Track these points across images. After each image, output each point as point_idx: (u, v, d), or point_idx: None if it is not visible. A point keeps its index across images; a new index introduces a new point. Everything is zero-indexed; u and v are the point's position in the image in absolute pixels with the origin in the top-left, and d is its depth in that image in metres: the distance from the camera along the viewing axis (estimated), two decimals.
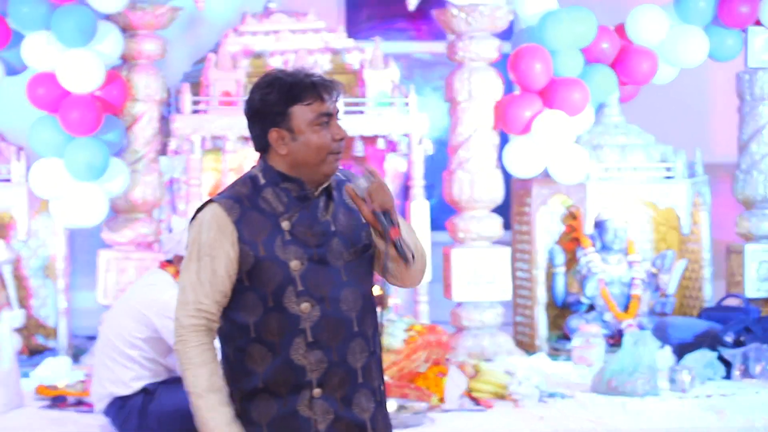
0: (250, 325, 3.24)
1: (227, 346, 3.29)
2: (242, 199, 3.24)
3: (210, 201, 3.27)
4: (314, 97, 3.22)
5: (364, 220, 3.28)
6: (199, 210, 3.28)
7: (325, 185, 3.29)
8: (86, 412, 6.23)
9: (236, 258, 3.22)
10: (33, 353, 7.70)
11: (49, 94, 7.26)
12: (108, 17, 7.46)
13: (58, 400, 6.50)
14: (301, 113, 3.22)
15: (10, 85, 7.70)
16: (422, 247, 3.36)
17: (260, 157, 3.31)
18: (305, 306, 3.22)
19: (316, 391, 3.23)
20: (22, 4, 7.27)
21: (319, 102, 3.22)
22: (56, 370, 7.04)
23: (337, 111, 3.28)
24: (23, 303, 7.83)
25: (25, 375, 6.81)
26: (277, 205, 3.25)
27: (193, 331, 3.24)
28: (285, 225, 3.23)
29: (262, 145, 3.29)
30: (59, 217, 7.42)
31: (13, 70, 7.68)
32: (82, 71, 7.17)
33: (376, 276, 3.39)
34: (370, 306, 3.32)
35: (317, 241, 3.25)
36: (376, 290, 3.35)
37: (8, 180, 7.55)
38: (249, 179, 3.28)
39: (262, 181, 3.26)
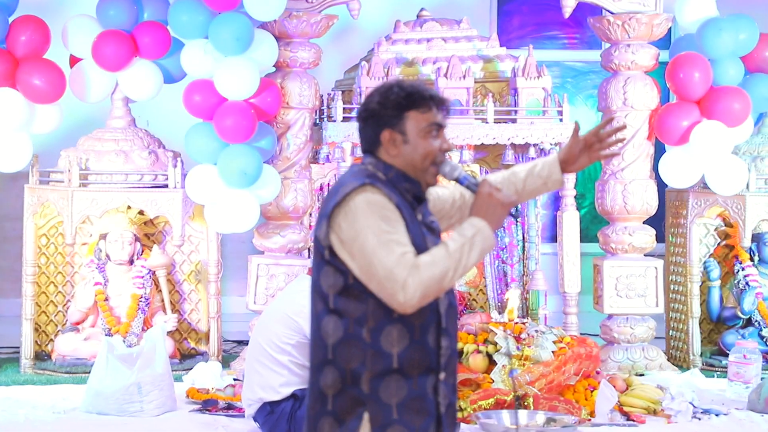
0: None
1: (361, 327, 3.26)
2: (386, 184, 3.32)
3: (362, 185, 3.27)
4: (429, 106, 3.36)
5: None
6: (349, 194, 3.26)
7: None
8: (236, 417, 6.32)
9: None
10: (184, 357, 7.82)
11: (205, 102, 7.36)
12: (264, 26, 7.54)
13: (208, 404, 6.60)
14: (415, 119, 3.35)
15: (168, 92, 7.86)
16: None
17: (371, 156, 3.38)
18: None
19: (442, 375, 3.33)
20: (182, 13, 7.40)
21: (433, 112, 3.36)
22: (207, 375, 7.14)
23: (445, 126, 3.40)
24: (176, 307, 7.96)
25: (177, 379, 6.91)
26: (407, 197, 3.36)
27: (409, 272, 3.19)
28: (419, 216, 3.37)
29: (371, 145, 3.38)
30: (212, 223, 7.52)
31: (171, 78, 7.84)
32: (238, 79, 7.26)
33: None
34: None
35: (435, 236, 3.41)
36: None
37: (165, 186, 7.68)
38: (371, 175, 3.33)
39: (383, 178, 3.33)
